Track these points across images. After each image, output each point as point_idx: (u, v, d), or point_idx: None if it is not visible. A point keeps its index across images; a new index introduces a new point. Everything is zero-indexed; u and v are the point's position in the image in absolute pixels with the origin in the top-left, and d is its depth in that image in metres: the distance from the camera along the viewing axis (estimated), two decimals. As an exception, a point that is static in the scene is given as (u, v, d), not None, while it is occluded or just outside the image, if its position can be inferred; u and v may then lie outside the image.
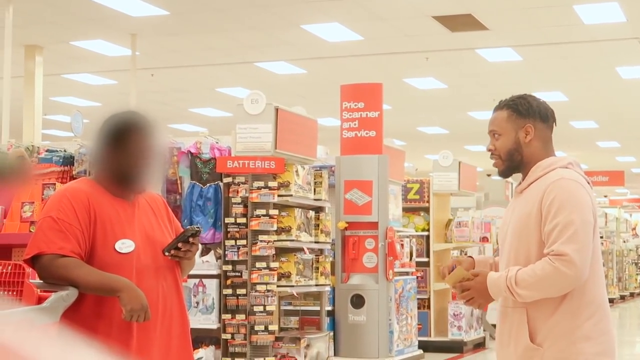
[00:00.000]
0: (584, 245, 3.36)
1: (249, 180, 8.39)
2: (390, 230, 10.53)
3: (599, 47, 14.94)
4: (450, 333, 12.97)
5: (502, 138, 3.60)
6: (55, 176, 8.68)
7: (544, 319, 3.42)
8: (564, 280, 3.35)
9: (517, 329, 3.47)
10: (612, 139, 26.52)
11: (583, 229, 3.38)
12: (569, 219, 3.37)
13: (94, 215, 3.71)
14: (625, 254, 29.61)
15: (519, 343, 3.46)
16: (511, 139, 3.59)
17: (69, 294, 3.60)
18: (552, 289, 3.38)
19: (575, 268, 3.33)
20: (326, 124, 19.37)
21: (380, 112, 10.80)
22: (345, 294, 10.42)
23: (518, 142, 3.58)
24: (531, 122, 3.57)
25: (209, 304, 8.44)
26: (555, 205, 3.40)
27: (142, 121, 3.80)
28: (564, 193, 3.42)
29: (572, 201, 3.40)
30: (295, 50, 15.29)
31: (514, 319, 3.49)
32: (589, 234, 3.40)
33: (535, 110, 3.59)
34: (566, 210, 3.39)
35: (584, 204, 3.42)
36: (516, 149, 3.59)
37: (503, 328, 3.55)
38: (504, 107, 3.63)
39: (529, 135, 3.57)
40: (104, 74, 17.27)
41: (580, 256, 3.34)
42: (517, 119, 3.58)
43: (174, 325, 3.81)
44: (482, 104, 19.81)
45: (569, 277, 3.34)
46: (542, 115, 3.60)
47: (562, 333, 3.39)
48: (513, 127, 3.59)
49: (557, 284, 3.36)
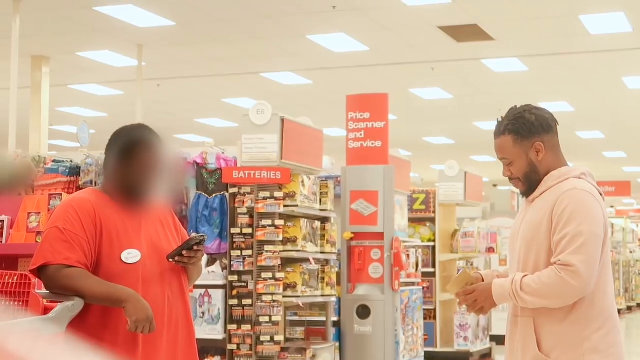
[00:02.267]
0: (591, 257, 3.35)
1: (255, 190, 8.39)
2: (396, 240, 10.52)
3: (605, 57, 14.94)
4: (456, 344, 12.95)
5: (516, 164, 3.58)
6: (62, 186, 8.70)
7: (552, 328, 3.42)
8: (569, 291, 3.34)
9: (526, 338, 3.46)
10: (618, 149, 26.49)
11: (592, 240, 3.37)
12: (578, 230, 3.36)
13: (100, 226, 3.72)
14: (631, 265, 29.56)
15: (527, 352, 3.45)
16: (524, 162, 3.57)
17: (74, 304, 3.61)
18: (556, 298, 3.38)
19: (580, 279, 3.32)
20: (332, 134, 19.38)
21: (386, 123, 10.80)
22: (351, 304, 10.40)
23: (532, 162, 3.56)
24: (538, 139, 3.54)
25: (215, 315, 8.44)
26: (566, 215, 3.39)
27: (151, 136, 3.83)
28: (575, 203, 3.41)
29: (583, 212, 3.39)
30: (301, 60, 15.31)
31: (523, 328, 3.48)
32: (597, 246, 3.38)
33: (537, 125, 3.55)
34: (576, 221, 3.38)
35: (595, 216, 3.41)
36: (532, 169, 3.57)
37: (512, 337, 3.55)
38: (506, 132, 3.59)
39: (540, 152, 3.55)
40: (110, 84, 17.31)
41: (587, 268, 3.33)
42: (523, 141, 3.55)
43: (180, 334, 3.81)
44: (487, 114, 19.80)
45: (573, 288, 3.33)
46: (545, 128, 3.57)
47: (570, 344, 3.39)
48: (523, 150, 3.56)
49: (561, 293, 3.36)
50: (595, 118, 20.89)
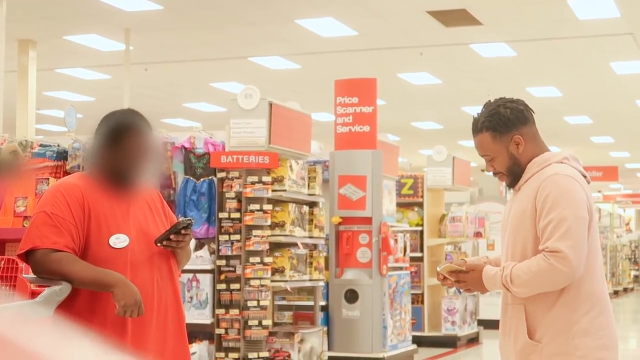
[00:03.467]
0: (577, 241, 3.37)
1: (243, 175, 8.39)
2: (384, 225, 10.54)
3: (593, 42, 14.95)
4: (443, 328, 13.00)
5: (498, 159, 3.60)
6: (49, 171, 8.67)
7: (542, 314, 3.43)
8: (559, 276, 3.36)
9: (516, 325, 3.48)
10: (606, 134, 26.54)
11: (577, 224, 3.38)
12: (562, 215, 3.37)
13: (88, 211, 3.71)
14: (619, 249, 29.69)
15: (518, 339, 3.47)
16: (506, 156, 3.58)
17: (62, 288, 3.60)
18: (547, 285, 3.40)
19: (569, 264, 3.34)
20: (320, 119, 19.36)
21: (374, 107, 10.80)
22: (339, 289, 10.43)
23: (513, 156, 3.57)
24: (516, 132, 3.55)
25: (203, 299, 8.44)
26: (549, 201, 3.41)
27: (139, 121, 3.83)
28: (557, 189, 3.42)
29: (566, 197, 3.41)
30: (289, 45, 15.27)
31: (514, 315, 3.50)
32: (582, 229, 3.40)
33: (513, 119, 3.56)
34: (560, 206, 3.39)
35: (578, 199, 3.42)
36: (514, 162, 3.58)
37: (504, 324, 3.56)
38: (483, 130, 3.59)
39: (520, 145, 3.56)
40: (98, 68, 17.23)
41: (575, 252, 3.35)
42: (502, 136, 3.56)
43: (169, 318, 3.81)
44: (476, 99, 19.77)
45: (563, 273, 3.35)
46: (521, 120, 3.57)
47: (560, 328, 3.40)
48: (502, 145, 3.57)
49: (552, 280, 3.37)
50: (583, 103, 20.92)
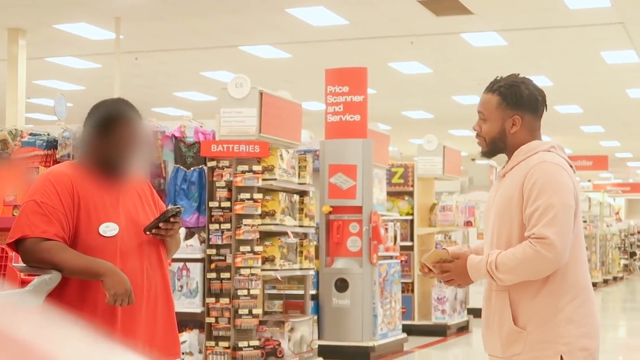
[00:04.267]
0: (564, 228, 3.38)
1: (233, 164, 8.38)
2: (374, 214, 10.56)
3: (584, 31, 14.96)
4: (434, 317, 13.03)
5: (489, 123, 3.59)
6: (39, 160, 8.65)
7: (526, 302, 3.44)
8: (545, 263, 3.37)
9: (501, 312, 3.48)
10: (596, 124, 26.60)
11: (563, 212, 3.39)
12: (549, 202, 3.38)
13: (78, 199, 3.71)
14: (608, 238, 29.76)
15: (503, 326, 3.47)
16: (497, 127, 3.58)
17: (52, 277, 3.60)
18: (533, 272, 3.40)
19: (555, 251, 3.35)
20: (311, 108, 19.36)
21: (364, 96, 10.80)
22: (329, 278, 10.44)
23: (503, 131, 3.57)
24: (519, 114, 3.55)
25: (193, 288, 8.44)
26: (536, 188, 3.41)
27: (130, 110, 3.82)
28: (545, 176, 3.43)
29: (553, 184, 3.41)
30: (280, 34, 15.25)
31: (498, 303, 3.50)
32: (569, 217, 3.41)
33: (525, 101, 3.55)
34: (547, 193, 3.40)
35: (565, 188, 3.43)
36: (500, 137, 3.58)
37: (488, 311, 3.57)
38: (496, 92, 3.59)
39: (515, 126, 3.56)
40: (88, 57, 17.19)
41: (561, 239, 3.36)
42: (506, 108, 3.56)
43: (159, 306, 3.82)
44: (466, 89, 19.81)
45: (549, 259, 3.36)
46: (531, 106, 3.57)
47: (544, 316, 3.41)
48: (501, 115, 3.57)
49: (537, 267, 3.38)
50: (574, 92, 20.95)
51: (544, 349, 3.40)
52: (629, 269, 36.85)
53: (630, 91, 20.76)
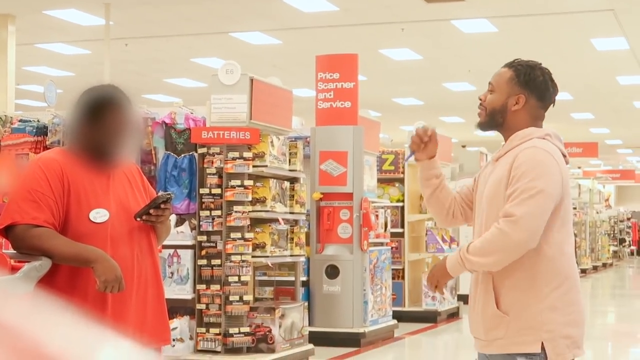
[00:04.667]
0: (536, 210, 3.35)
1: (224, 150, 8.38)
2: (365, 201, 10.57)
3: (574, 18, 14.97)
4: (424, 303, 13.06)
5: (495, 95, 3.60)
6: (29, 146, 8.64)
7: (511, 287, 3.43)
8: (508, 243, 3.33)
9: (485, 296, 3.48)
10: (586, 111, 26.63)
11: (541, 196, 3.36)
12: (529, 185, 3.37)
13: (68, 185, 3.70)
14: (598, 225, 29.85)
15: (486, 310, 3.47)
16: (501, 100, 3.58)
17: (42, 264, 3.60)
18: (500, 252, 3.36)
19: (518, 230, 3.32)
20: (301, 94, 19.33)
21: (355, 83, 10.80)
22: (320, 264, 10.46)
23: (505, 106, 3.57)
24: (525, 94, 3.55)
25: (184, 275, 8.45)
26: (520, 171, 3.40)
27: (120, 96, 3.81)
28: (531, 161, 3.42)
29: (537, 169, 3.40)
30: (270, 20, 15.23)
31: (482, 286, 3.50)
32: (546, 202, 3.37)
33: (536, 84, 3.55)
34: (529, 176, 3.38)
35: (550, 175, 3.41)
36: (500, 111, 3.58)
37: (474, 295, 3.57)
38: (512, 67, 3.61)
39: (517, 104, 3.55)
40: (78, 43, 17.14)
41: (529, 220, 3.33)
42: (515, 84, 3.56)
43: (149, 292, 3.82)
44: (457, 75, 19.81)
45: (511, 239, 3.32)
46: (540, 93, 3.57)
47: (529, 302, 3.40)
48: (508, 90, 3.57)
49: (502, 246, 3.35)
50: (564, 79, 20.84)
51: (526, 335, 3.40)
52: (618, 256, 36.99)
53: (620, 78, 20.79)
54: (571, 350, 3.42)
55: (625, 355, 11.95)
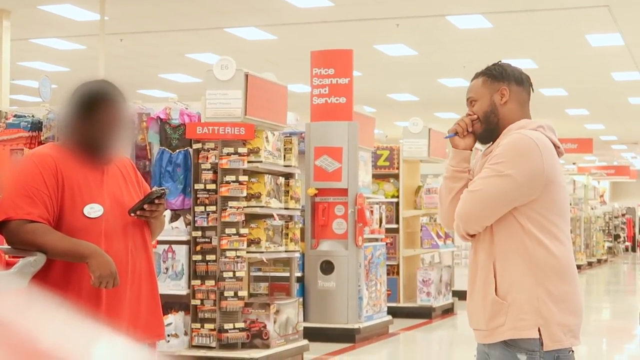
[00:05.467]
0: (496, 192, 3.40)
1: (219, 146, 8.37)
2: (360, 196, 10.57)
3: (569, 14, 14.97)
4: (419, 299, 13.07)
5: (479, 102, 3.62)
6: (23, 142, 8.63)
7: (510, 276, 3.43)
8: (459, 210, 3.52)
9: (485, 283, 3.48)
10: (581, 107, 26.65)
11: (507, 180, 3.39)
12: (500, 167, 3.40)
13: (62, 180, 3.70)
14: (593, 221, 29.90)
15: (486, 297, 3.47)
16: (487, 102, 3.60)
17: (37, 259, 3.59)
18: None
19: (469, 201, 3.48)
20: (296, 90, 19.33)
21: (350, 79, 10.80)
22: (314, 260, 10.46)
23: (494, 104, 3.59)
24: (506, 85, 3.59)
25: (179, 270, 8.45)
26: (498, 151, 3.45)
27: (113, 91, 3.80)
28: (511, 145, 3.43)
29: (513, 154, 3.41)
30: (265, 16, 15.21)
31: (482, 273, 3.50)
32: (510, 187, 3.39)
33: (509, 74, 3.62)
34: (503, 158, 3.41)
35: (526, 163, 3.40)
36: (492, 110, 3.60)
37: (473, 283, 3.57)
38: (481, 74, 3.66)
39: (504, 97, 3.58)
40: (72, 38, 17.11)
41: (482, 197, 3.43)
42: (491, 83, 3.61)
43: (143, 288, 3.82)
44: (452, 71, 19.81)
45: (461, 208, 3.51)
46: (516, 79, 3.62)
47: (526, 289, 3.41)
48: (488, 91, 3.61)
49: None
50: (559, 75, 20.99)
51: (524, 320, 3.41)
52: (613, 252, 37.05)
53: (615, 74, 20.80)
54: (568, 338, 3.42)
55: (620, 351, 11.97)
